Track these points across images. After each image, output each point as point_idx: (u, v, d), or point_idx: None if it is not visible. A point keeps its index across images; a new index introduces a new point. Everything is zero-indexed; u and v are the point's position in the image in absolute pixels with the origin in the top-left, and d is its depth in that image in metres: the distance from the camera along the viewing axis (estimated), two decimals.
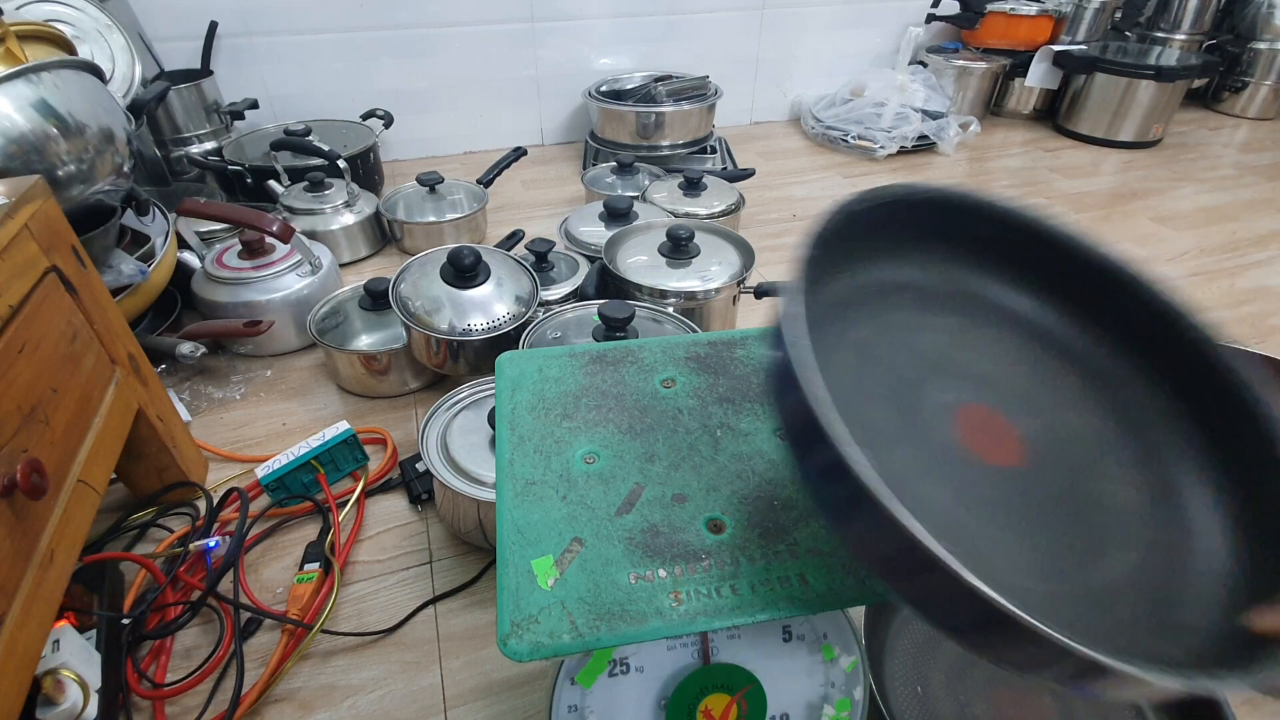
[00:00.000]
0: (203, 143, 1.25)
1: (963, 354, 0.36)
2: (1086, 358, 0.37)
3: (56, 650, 0.47)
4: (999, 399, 0.35)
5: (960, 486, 0.30)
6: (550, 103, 1.59)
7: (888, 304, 0.37)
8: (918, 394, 0.33)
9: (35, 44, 0.82)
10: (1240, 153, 1.64)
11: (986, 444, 0.32)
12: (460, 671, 0.57)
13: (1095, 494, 0.32)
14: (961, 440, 0.32)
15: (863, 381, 0.33)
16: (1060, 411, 0.35)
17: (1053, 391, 0.36)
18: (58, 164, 0.69)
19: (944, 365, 0.35)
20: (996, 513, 0.30)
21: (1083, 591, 0.29)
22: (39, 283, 0.49)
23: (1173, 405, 0.35)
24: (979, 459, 0.31)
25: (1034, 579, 0.28)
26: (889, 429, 0.31)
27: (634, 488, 0.39)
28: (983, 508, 0.30)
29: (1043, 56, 1.68)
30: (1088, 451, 0.34)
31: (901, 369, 0.34)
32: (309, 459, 0.70)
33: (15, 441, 0.43)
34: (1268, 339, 0.98)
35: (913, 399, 0.33)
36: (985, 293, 0.38)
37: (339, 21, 1.35)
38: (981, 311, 0.38)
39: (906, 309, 0.37)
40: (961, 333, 0.37)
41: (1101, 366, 0.37)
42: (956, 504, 0.30)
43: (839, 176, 1.48)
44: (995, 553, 0.29)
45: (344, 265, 1.11)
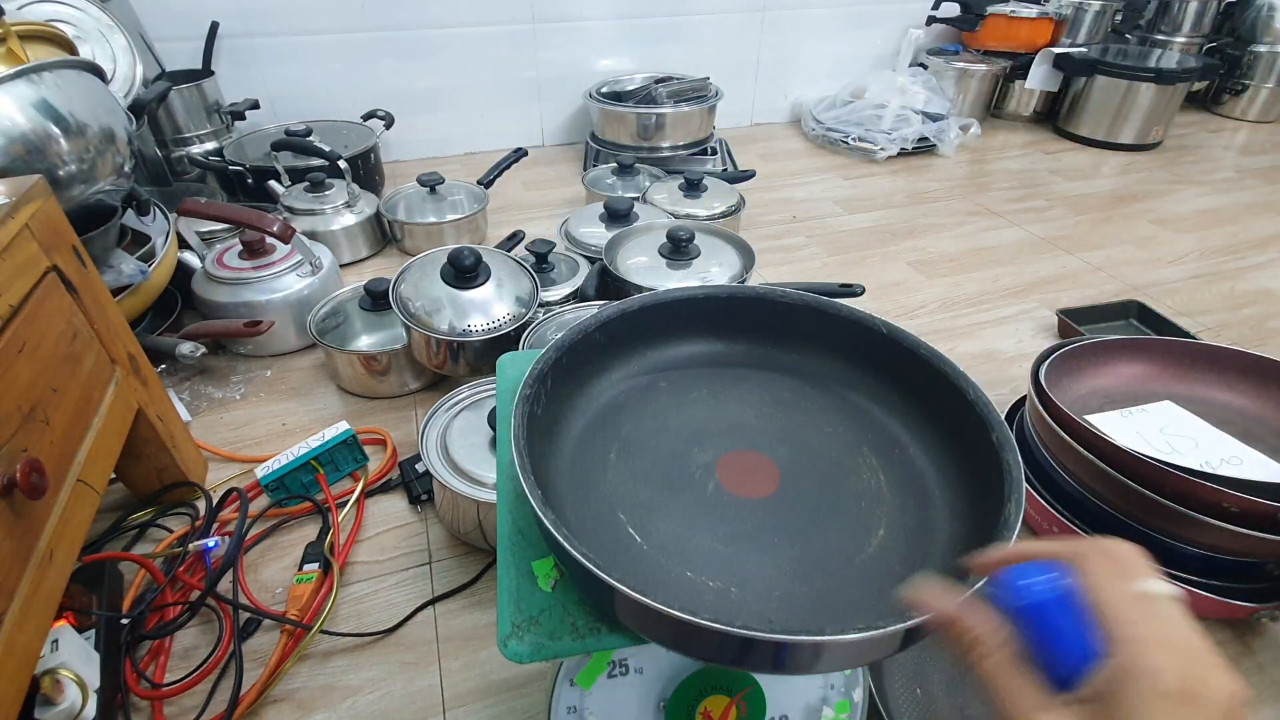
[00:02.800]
0: (204, 143, 1.25)
1: (718, 413, 0.43)
2: (821, 378, 0.45)
3: (55, 650, 0.47)
4: (754, 440, 0.41)
5: (723, 529, 0.36)
6: (551, 104, 1.59)
7: (646, 392, 0.44)
8: (684, 462, 0.39)
9: (37, 44, 0.82)
10: (1240, 155, 1.64)
11: (744, 483, 0.38)
12: (459, 672, 0.57)
13: (842, 492, 0.38)
14: (723, 487, 0.38)
15: (632, 471, 0.39)
16: (808, 430, 0.42)
17: (800, 415, 0.43)
18: (59, 164, 0.69)
19: (702, 430, 0.42)
20: (755, 541, 0.35)
21: (842, 578, 0.34)
22: (39, 282, 0.49)
23: (893, 394, 0.43)
24: (738, 498, 0.38)
25: (790, 584, 0.33)
26: (657, 502, 0.37)
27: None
28: (743, 540, 0.35)
29: (1043, 59, 1.68)
30: (835, 456, 0.40)
31: (665, 447, 0.40)
32: (309, 459, 0.70)
33: (15, 441, 0.43)
34: (1267, 341, 0.98)
35: (680, 467, 0.39)
36: (726, 351, 0.47)
37: (340, 22, 1.35)
38: (727, 370, 0.46)
39: (662, 393, 0.44)
40: (714, 396, 0.44)
41: (834, 380, 0.45)
42: (721, 544, 0.35)
43: (839, 178, 1.48)
44: (755, 574, 0.34)
45: (344, 266, 1.11)
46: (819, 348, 0.46)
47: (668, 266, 0.87)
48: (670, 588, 0.33)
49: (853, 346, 0.44)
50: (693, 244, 0.88)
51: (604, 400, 0.43)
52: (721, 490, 0.38)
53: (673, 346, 0.46)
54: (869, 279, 1.04)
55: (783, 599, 0.33)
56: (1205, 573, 0.57)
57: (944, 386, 0.39)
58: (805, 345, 0.46)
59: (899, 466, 0.40)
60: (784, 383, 0.45)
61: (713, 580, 0.33)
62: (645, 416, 0.42)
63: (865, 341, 0.43)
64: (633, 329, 0.44)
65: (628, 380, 0.44)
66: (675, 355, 0.46)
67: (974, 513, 0.35)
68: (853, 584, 0.34)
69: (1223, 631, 0.61)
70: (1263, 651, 0.59)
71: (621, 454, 0.40)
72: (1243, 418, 0.69)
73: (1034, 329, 1.00)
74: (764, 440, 0.41)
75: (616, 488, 0.37)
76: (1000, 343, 0.97)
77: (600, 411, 0.42)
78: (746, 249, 0.90)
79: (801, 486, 0.38)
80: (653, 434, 0.41)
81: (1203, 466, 0.61)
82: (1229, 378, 0.71)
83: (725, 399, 0.44)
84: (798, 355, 0.46)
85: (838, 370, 0.45)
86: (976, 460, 0.36)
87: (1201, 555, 0.57)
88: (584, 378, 0.42)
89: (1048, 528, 0.64)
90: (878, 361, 0.43)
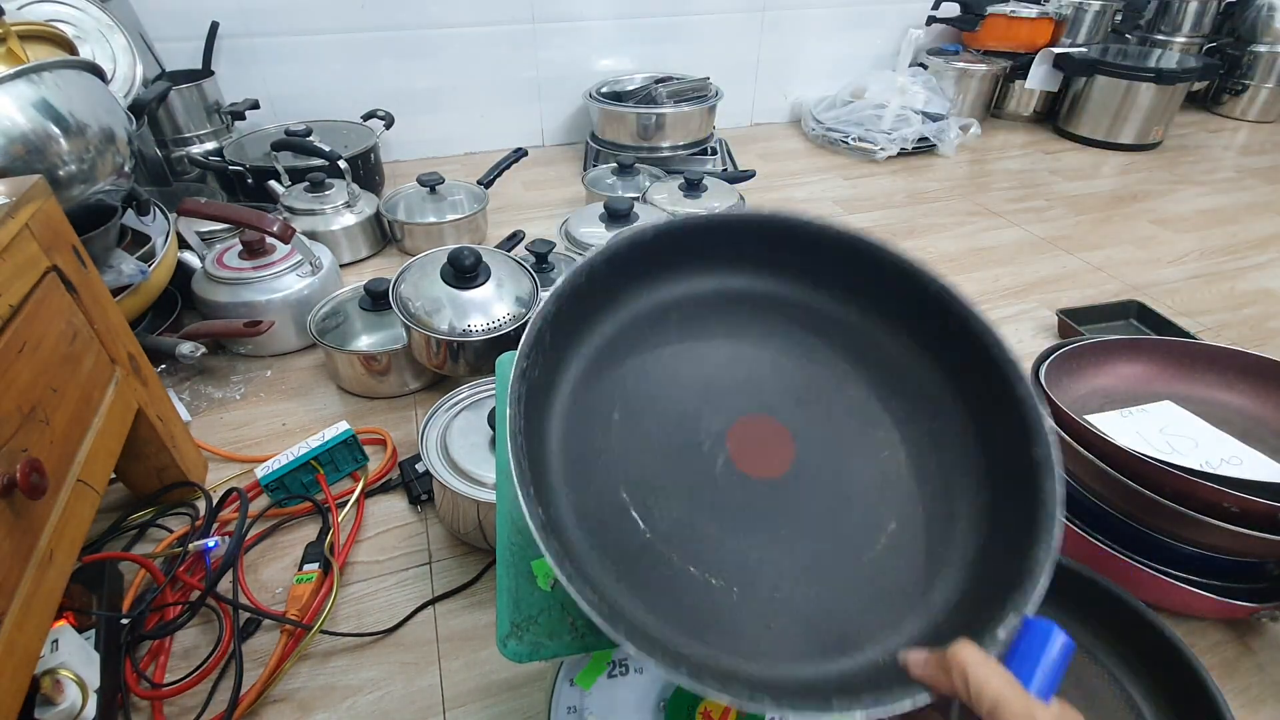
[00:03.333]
0: (204, 143, 1.25)
1: (731, 369, 0.39)
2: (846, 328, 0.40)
3: (55, 650, 0.47)
4: (769, 402, 0.37)
5: (731, 517, 0.33)
6: (551, 104, 1.59)
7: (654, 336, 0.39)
8: (694, 428, 0.36)
9: (37, 44, 0.82)
10: (1240, 155, 1.64)
11: (756, 458, 0.35)
12: (459, 672, 0.57)
13: (858, 474, 0.35)
14: (733, 463, 0.35)
15: (638, 437, 0.35)
16: (830, 391, 0.38)
17: (820, 373, 0.39)
18: (59, 164, 0.69)
19: (715, 384, 0.38)
20: (764, 531, 0.33)
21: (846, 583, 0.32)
22: (39, 282, 0.49)
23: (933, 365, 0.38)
24: (749, 479, 0.34)
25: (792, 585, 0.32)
26: (664, 478, 0.34)
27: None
28: (751, 530, 0.33)
29: (1043, 59, 1.68)
30: (855, 426, 0.37)
31: (674, 407, 0.36)
32: (309, 459, 0.70)
33: (15, 441, 0.43)
34: (1267, 342, 0.98)
35: (689, 436, 0.35)
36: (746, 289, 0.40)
37: (340, 22, 1.35)
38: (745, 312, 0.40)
39: (672, 338, 0.39)
40: (729, 345, 0.39)
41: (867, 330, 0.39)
42: (727, 535, 0.33)
43: (839, 178, 1.48)
44: (759, 571, 0.32)
45: (344, 266, 1.11)
46: (856, 294, 0.39)
47: None
48: (673, 588, 0.31)
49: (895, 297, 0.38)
50: None
51: (608, 338, 0.38)
52: (731, 468, 0.35)
53: (688, 279, 0.40)
54: None
55: (783, 604, 0.31)
56: (1205, 573, 0.57)
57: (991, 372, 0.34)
58: (840, 288, 0.40)
59: (924, 448, 0.36)
60: (809, 331, 0.40)
61: (716, 578, 0.32)
62: (652, 363, 0.38)
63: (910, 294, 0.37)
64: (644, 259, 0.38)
65: (634, 316, 0.39)
66: (690, 290, 0.40)
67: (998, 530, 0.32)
68: (855, 591, 0.32)
69: (1223, 631, 0.61)
70: (1263, 651, 0.59)
71: (626, 415, 0.36)
72: (1243, 418, 0.69)
73: (1034, 329, 1.00)
74: (782, 403, 0.37)
75: (621, 458, 0.34)
76: None
77: (603, 353, 0.37)
78: None
79: (815, 465, 0.35)
80: (660, 387, 0.37)
81: (1203, 466, 0.61)
82: (1229, 378, 0.71)
83: (742, 342, 0.39)
84: (829, 299, 0.40)
85: (873, 325, 0.39)
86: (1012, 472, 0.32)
87: (1201, 555, 0.57)
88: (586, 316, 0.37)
89: None
90: (920, 321, 0.38)
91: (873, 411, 0.37)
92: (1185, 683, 0.51)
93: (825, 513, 0.34)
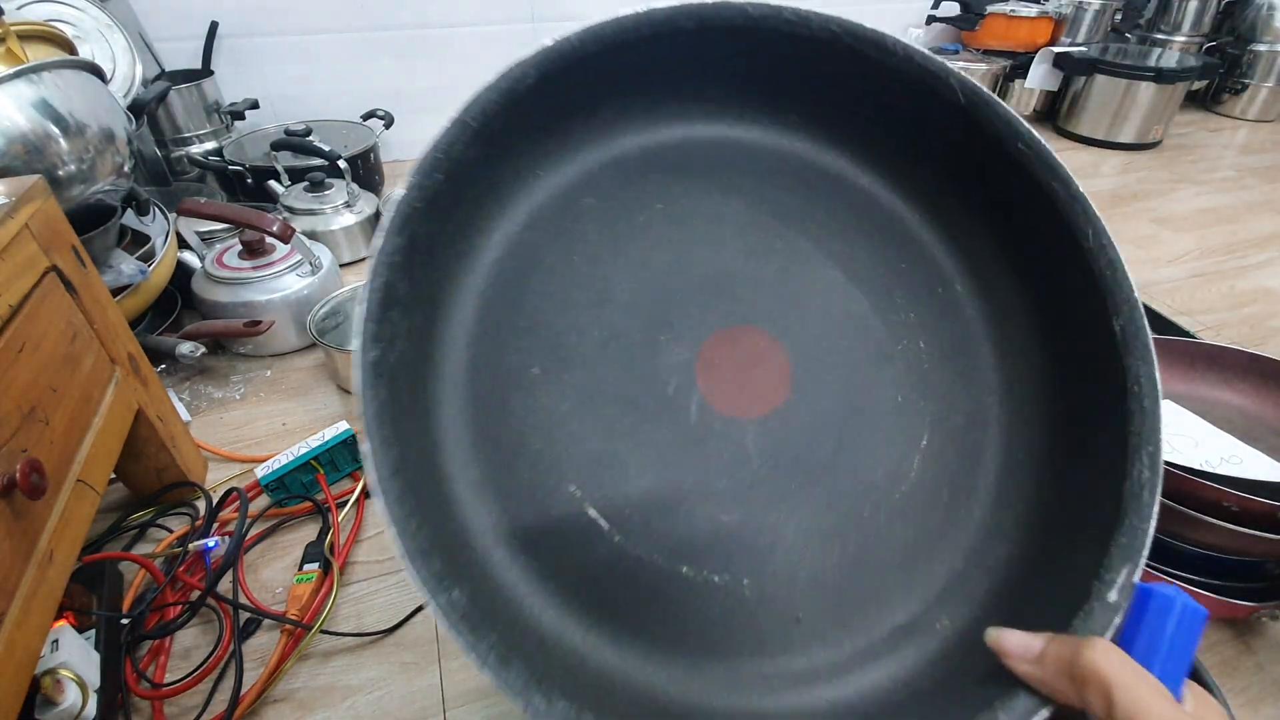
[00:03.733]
0: (203, 143, 1.25)
1: (686, 250, 0.27)
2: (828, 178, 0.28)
3: (55, 650, 0.47)
4: (746, 300, 0.26)
5: (720, 482, 0.25)
6: None
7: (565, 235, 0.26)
8: (649, 367, 0.25)
9: (36, 44, 0.82)
10: (1240, 154, 1.64)
11: (741, 392, 0.25)
12: (460, 672, 0.57)
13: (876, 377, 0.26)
14: (711, 407, 0.25)
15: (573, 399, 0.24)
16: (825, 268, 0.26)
17: (806, 242, 0.27)
18: (58, 164, 0.69)
19: (666, 291, 0.26)
20: (766, 490, 0.25)
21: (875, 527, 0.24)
22: (39, 282, 0.49)
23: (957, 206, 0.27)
24: (736, 421, 0.25)
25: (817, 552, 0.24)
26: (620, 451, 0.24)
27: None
28: (750, 493, 0.25)
29: (1043, 58, 1.68)
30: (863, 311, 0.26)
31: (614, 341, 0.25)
32: (309, 459, 0.70)
33: (15, 441, 0.43)
34: (1267, 341, 0.98)
35: (644, 379, 0.25)
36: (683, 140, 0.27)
37: (340, 22, 1.35)
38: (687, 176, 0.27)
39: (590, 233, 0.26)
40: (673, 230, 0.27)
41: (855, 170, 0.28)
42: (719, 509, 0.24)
43: None
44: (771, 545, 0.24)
45: (344, 265, 1.11)
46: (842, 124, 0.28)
47: None
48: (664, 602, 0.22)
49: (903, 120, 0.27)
50: None
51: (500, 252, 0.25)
52: (710, 412, 0.25)
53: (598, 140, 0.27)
54: None
55: (810, 582, 0.23)
56: (1205, 572, 0.57)
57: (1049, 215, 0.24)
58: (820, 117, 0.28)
59: (950, 321, 0.26)
60: (781, 180, 0.28)
61: (719, 573, 0.23)
62: (571, 278, 0.25)
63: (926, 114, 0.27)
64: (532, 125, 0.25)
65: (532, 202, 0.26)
66: (606, 152, 0.27)
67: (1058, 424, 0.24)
68: (896, 534, 0.24)
69: (1223, 631, 0.61)
70: (1262, 651, 0.59)
71: (549, 368, 0.25)
72: (1243, 417, 0.69)
73: None
74: (761, 300, 0.26)
75: (555, 436, 0.23)
76: None
77: (498, 280, 0.25)
78: None
79: (819, 378, 0.26)
80: (589, 313, 0.25)
81: (1203, 466, 0.61)
82: (1229, 377, 0.71)
83: (694, 220, 0.27)
84: (805, 136, 0.28)
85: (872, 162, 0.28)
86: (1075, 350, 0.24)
87: (1201, 555, 0.57)
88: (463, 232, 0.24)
89: None
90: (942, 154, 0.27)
91: (880, 282, 0.27)
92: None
93: (841, 445, 0.25)
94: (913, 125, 0.27)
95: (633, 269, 0.26)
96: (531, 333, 0.25)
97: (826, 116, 0.28)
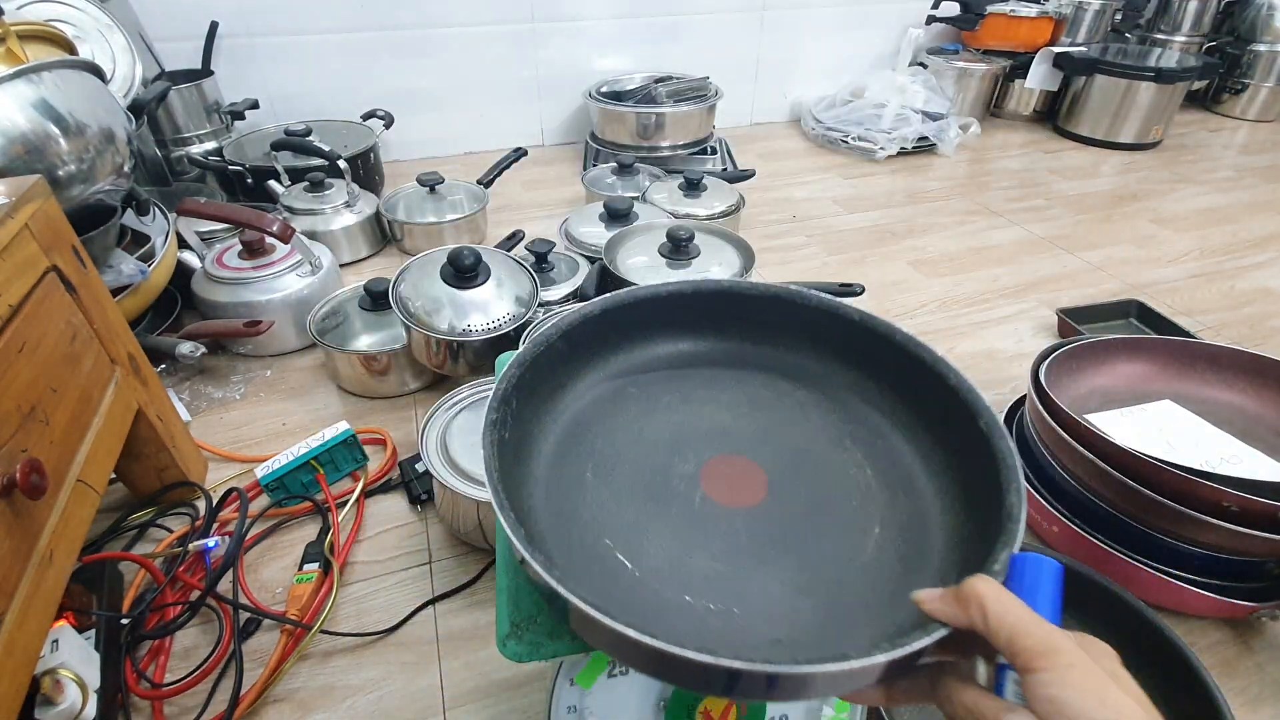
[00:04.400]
0: (203, 143, 1.25)
1: (694, 418, 0.41)
2: (795, 372, 0.44)
3: (55, 650, 0.47)
4: (735, 443, 0.40)
5: (716, 544, 0.34)
6: (550, 103, 1.59)
7: (615, 407, 0.42)
8: (666, 474, 0.38)
9: (36, 44, 0.82)
10: (1240, 154, 1.64)
11: (732, 491, 0.37)
12: (459, 672, 0.57)
13: (833, 492, 0.37)
14: (710, 498, 0.36)
15: (613, 490, 0.37)
16: (789, 427, 0.41)
17: (778, 413, 0.42)
18: (58, 164, 0.69)
19: (680, 437, 0.40)
20: (751, 554, 0.34)
21: (840, 584, 0.33)
22: (39, 282, 0.49)
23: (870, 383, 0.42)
24: (728, 509, 0.36)
25: (794, 597, 0.32)
26: (644, 521, 0.35)
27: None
28: (738, 555, 0.34)
29: (1043, 58, 1.68)
30: (819, 452, 0.39)
31: (644, 460, 0.38)
32: (309, 459, 0.70)
33: (15, 441, 0.43)
34: (1267, 341, 0.98)
35: (662, 481, 0.37)
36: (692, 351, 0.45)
37: (340, 22, 1.35)
38: (698, 371, 0.44)
39: (632, 405, 0.42)
40: (686, 400, 0.42)
41: (809, 373, 0.44)
42: (716, 561, 0.34)
43: (839, 178, 1.48)
44: (755, 591, 0.32)
45: (344, 265, 1.11)
46: (791, 340, 0.44)
47: (667, 266, 0.87)
48: (670, 616, 0.31)
49: (826, 336, 0.43)
50: (692, 243, 0.88)
51: (572, 414, 0.41)
52: (709, 502, 0.36)
53: (639, 349, 0.44)
54: (869, 278, 1.04)
55: (789, 615, 0.32)
56: (1205, 572, 0.57)
57: (924, 374, 0.38)
58: (777, 338, 0.44)
59: (884, 458, 0.38)
60: (757, 379, 0.44)
61: (714, 603, 0.32)
62: (618, 428, 0.40)
63: (838, 330, 0.42)
64: (595, 333, 0.42)
65: (593, 389, 0.42)
66: (642, 358, 0.44)
67: (967, 501, 0.34)
68: (858, 590, 0.33)
69: (1222, 631, 0.61)
70: (1262, 651, 0.59)
71: (598, 472, 0.38)
72: (1243, 417, 0.69)
73: (1034, 328, 1.00)
74: (745, 442, 0.40)
75: (598, 511, 0.36)
76: (1000, 342, 0.97)
77: (569, 427, 0.40)
78: (746, 248, 0.90)
79: (790, 489, 0.37)
80: (628, 446, 0.39)
81: (1203, 466, 0.61)
82: (1229, 377, 0.71)
83: (699, 401, 0.42)
84: (770, 349, 0.44)
85: (812, 362, 0.44)
86: (964, 448, 0.35)
87: (1201, 555, 0.57)
88: (550, 391, 0.40)
89: (1047, 527, 0.64)
90: (853, 350, 0.42)
91: (833, 436, 0.40)
92: (1185, 682, 0.51)
93: (809, 530, 0.35)
94: (833, 337, 0.42)
95: (658, 424, 0.41)
96: (590, 453, 0.39)
97: (784, 338, 0.44)
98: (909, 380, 0.39)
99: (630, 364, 0.44)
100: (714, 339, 0.45)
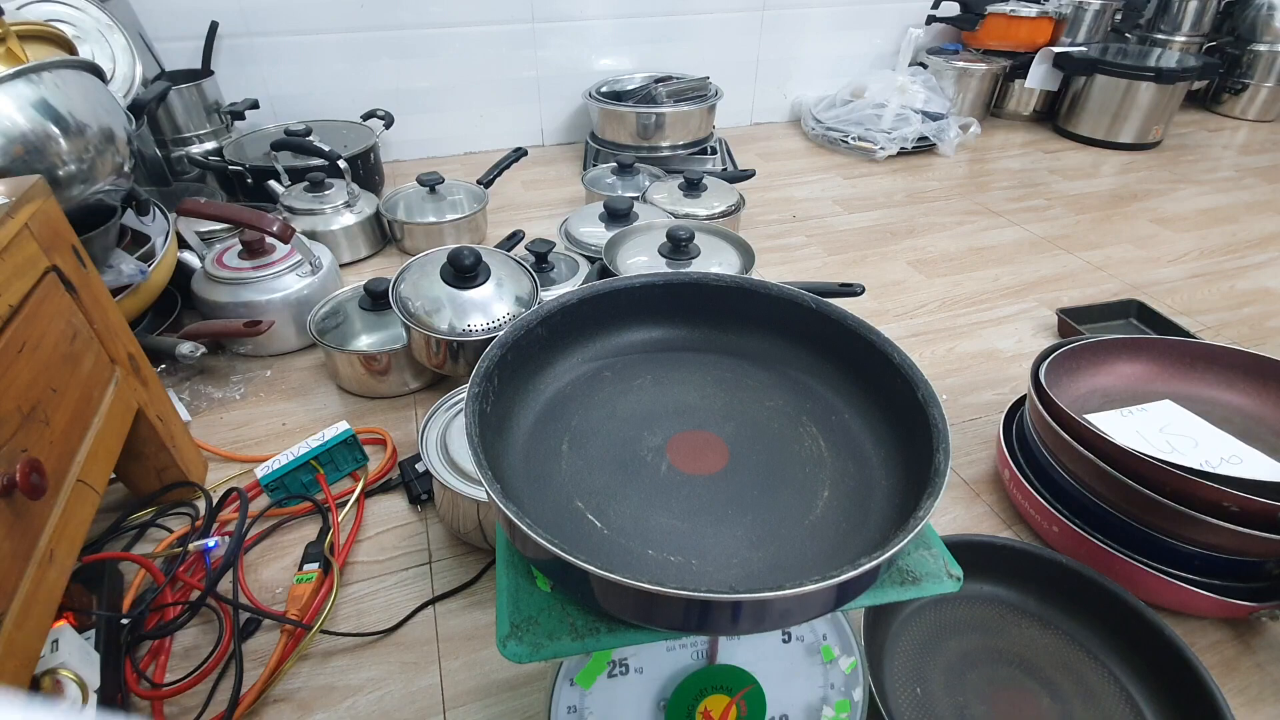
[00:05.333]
0: (203, 143, 1.25)
1: (663, 397, 0.44)
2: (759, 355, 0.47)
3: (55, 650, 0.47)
4: (700, 419, 0.43)
5: (679, 506, 0.38)
6: (550, 103, 1.59)
7: (590, 387, 0.45)
8: (635, 447, 0.41)
9: (36, 44, 0.82)
10: (1240, 154, 1.64)
11: (695, 461, 0.40)
12: (459, 672, 0.57)
13: (788, 461, 0.40)
14: (675, 466, 0.40)
15: (586, 460, 0.40)
16: (751, 406, 0.44)
17: (742, 393, 0.45)
18: (58, 164, 0.69)
19: (649, 414, 0.43)
20: (711, 514, 0.37)
21: (794, 540, 0.36)
22: (39, 282, 0.49)
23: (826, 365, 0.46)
24: (691, 476, 0.39)
25: (747, 550, 0.35)
26: (613, 487, 0.38)
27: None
28: (699, 514, 0.37)
29: (1043, 58, 1.68)
30: (778, 428, 0.43)
31: (615, 434, 0.42)
32: (309, 459, 0.70)
33: (15, 441, 0.43)
34: (1267, 341, 0.98)
35: (632, 452, 0.41)
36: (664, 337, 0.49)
37: (340, 22, 1.35)
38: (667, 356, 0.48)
39: (608, 383, 0.45)
40: (657, 382, 0.46)
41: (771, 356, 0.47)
42: (678, 520, 0.37)
43: (839, 178, 1.48)
44: (713, 545, 0.36)
45: (344, 265, 1.11)
46: (754, 327, 0.48)
47: (667, 266, 0.87)
48: (634, 566, 0.34)
49: (785, 323, 0.46)
50: (692, 243, 0.88)
51: (551, 393, 0.44)
52: (674, 470, 0.39)
53: (614, 335, 0.48)
54: (869, 278, 1.04)
55: (741, 565, 0.35)
56: (1205, 572, 0.57)
57: (872, 354, 0.41)
58: (741, 325, 0.48)
59: (837, 432, 0.42)
60: (724, 363, 0.47)
61: (674, 555, 0.35)
62: (593, 406, 0.43)
63: (796, 317, 0.46)
64: (574, 321, 0.45)
65: (572, 371, 0.46)
66: (617, 343, 0.48)
67: (907, 466, 0.38)
68: (804, 544, 0.36)
69: (1222, 631, 0.61)
70: (1262, 651, 0.59)
71: (574, 444, 0.41)
72: (1243, 417, 0.69)
73: (1034, 328, 1.00)
74: (710, 419, 0.43)
75: (572, 478, 0.39)
76: (1000, 342, 0.97)
77: (548, 404, 0.43)
78: (746, 248, 0.90)
79: (749, 459, 0.40)
80: (602, 422, 0.42)
81: (1203, 466, 0.61)
82: (1229, 377, 0.71)
83: (669, 383, 0.45)
84: (735, 335, 0.48)
85: (773, 347, 0.47)
86: (906, 419, 0.39)
87: (1201, 555, 0.57)
88: (530, 372, 0.44)
89: (1048, 527, 0.65)
90: (810, 336, 0.46)
91: (790, 413, 0.44)
92: (1185, 682, 0.52)
93: (764, 493, 0.38)
94: (792, 323, 0.46)
95: (630, 402, 0.44)
96: (566, 428, 0.42)
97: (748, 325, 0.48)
98: (859, 361, 0.43)
99: (607, 348, 0.47)
100: (684, 326, 0.49)
